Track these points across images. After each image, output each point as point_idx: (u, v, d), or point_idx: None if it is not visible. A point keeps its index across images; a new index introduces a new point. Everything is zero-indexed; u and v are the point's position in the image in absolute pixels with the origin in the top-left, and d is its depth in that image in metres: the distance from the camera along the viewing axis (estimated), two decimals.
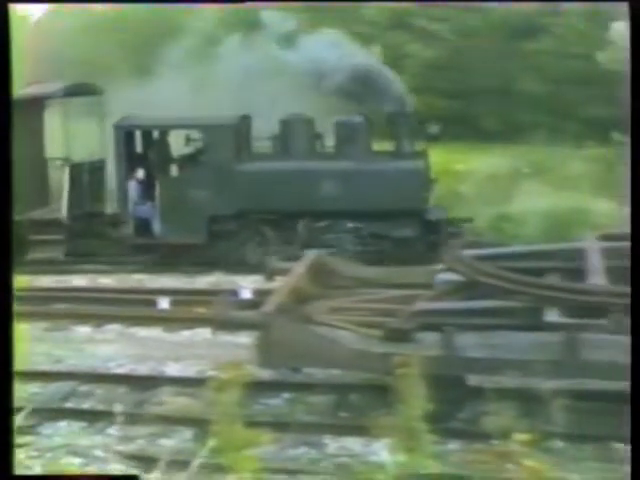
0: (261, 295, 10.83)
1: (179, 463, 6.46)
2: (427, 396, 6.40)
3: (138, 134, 18.45)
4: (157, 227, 17.59)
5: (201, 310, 13.75)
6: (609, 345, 8.51)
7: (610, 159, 17.79)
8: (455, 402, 9.23)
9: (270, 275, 11.17)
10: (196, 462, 6.11)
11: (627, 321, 8.53)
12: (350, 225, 17.01)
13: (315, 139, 17.60)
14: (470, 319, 9.19)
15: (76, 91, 18.63)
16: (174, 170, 18.27)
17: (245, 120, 17.80)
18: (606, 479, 8.18)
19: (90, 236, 18.36)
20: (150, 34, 26.42)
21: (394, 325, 9.16)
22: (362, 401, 9.97)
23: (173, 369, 11.53)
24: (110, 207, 18.81)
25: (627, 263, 9.75)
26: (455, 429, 9.10)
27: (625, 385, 9.68)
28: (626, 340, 8.52)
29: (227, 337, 11.67)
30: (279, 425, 9.19)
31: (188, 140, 17.75)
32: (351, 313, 9.87)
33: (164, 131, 18.30)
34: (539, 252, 10.53)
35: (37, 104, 18.56)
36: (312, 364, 9.73)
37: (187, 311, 14.16)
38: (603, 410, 9.65)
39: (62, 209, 17.96)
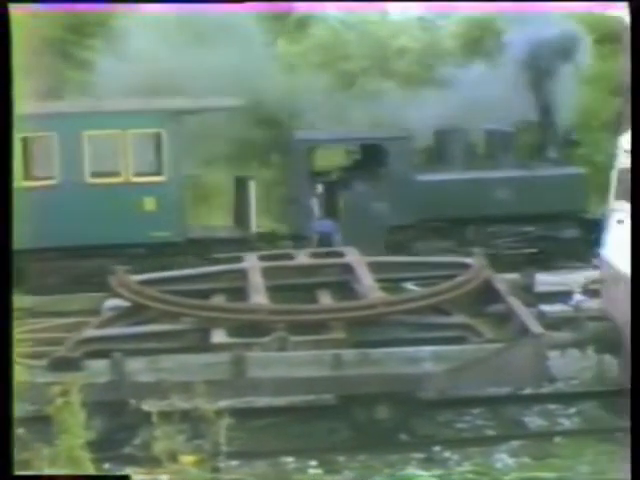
0: None
1: None
2: (100, 424, 6.31)
3: None
4: (338, 241, 16.74)
5: None
6: (274, 362, 8.76)
7: (270, 181, 18.52)
8: (129, 428, 9.17)
9: None
10: None
11: (290, 338, 8.87)
12: (520, 229, 17.40)
13: (469, 148, 17.74)
14: (138, 344, 9.16)
15: None
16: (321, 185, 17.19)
17: None
18: None
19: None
20: None
21: (60, 354, 8.97)
22: (28, 434, 9.66)
23: None
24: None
25: (286, 281, 10.17)
26: (129, 455, 9.03)
27: (287, 400, 10.06)
28: (289, 356, 8.87)
29: None
30: None
31: (348, 153, 17.79)
32: (15, 344, 9.57)
33: (312, 146, 17.57)
34: (206, 274, 10.65)
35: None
36: None
37: None
38: (271, 426, 9.92)
39: (251, 226, 16.76)
